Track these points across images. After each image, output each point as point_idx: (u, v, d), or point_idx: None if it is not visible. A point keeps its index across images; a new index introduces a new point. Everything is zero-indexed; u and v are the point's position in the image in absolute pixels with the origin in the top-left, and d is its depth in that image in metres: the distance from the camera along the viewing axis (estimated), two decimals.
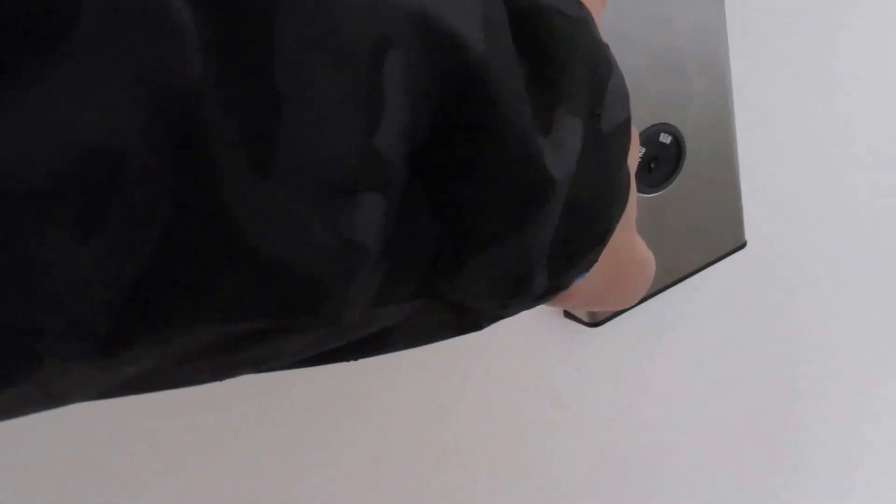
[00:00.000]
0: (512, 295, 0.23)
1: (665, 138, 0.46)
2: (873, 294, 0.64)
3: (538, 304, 0.25)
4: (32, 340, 0.14)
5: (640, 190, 0.46)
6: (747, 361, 0.58)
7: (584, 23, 0.23)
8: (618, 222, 0.25)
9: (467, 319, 0.23)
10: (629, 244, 0.31)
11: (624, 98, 0.24)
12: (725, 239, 0.51)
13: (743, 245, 0.52)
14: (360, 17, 0.17)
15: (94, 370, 0.16)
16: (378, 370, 0.44)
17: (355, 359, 0.23)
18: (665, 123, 0.45)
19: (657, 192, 0.47)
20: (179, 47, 0.14)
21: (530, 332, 0.48)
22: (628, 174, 0.25)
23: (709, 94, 0.46)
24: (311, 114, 0.16)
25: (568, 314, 0.50)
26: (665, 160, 0.46)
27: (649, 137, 0.45)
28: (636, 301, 0.34)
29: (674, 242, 0.49)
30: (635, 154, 0.32)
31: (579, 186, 0.22)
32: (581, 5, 0.24)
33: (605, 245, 0.25)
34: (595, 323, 0.48)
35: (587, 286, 0.29)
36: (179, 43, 0.14)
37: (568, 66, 0.22)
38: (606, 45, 0.24)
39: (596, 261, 0.25)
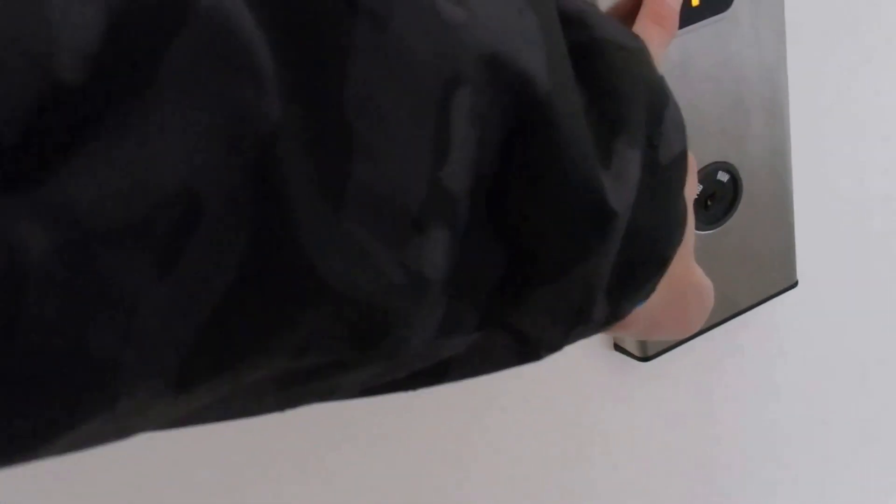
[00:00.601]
0: (574, 324, 0.23)
1: (723, 176, 0.46)
2: None
3: (598, 332, 0.25)
4: (111, 377, 0.14)
5: (696, 227, 0.46)
6: (796, 400, 0.58)
7: (641, 54, 0.24)
8: (676, 251, 0.25)
9: (528, 349, 0.24)
10: (688, 272, 0.31)
11: (680, 128, 0.24)
12: (778, 277, 0.52)
13: (795, 284, 0.53)
14: (431, 57, 0.17)
15: (166, 405, 0.16)
16: (420, 399, 0.45)
17: (415, 389, 0.23)
18: (724, 162, 0.46)
19: (713, 228, 0.47)
20: (260, 91, 0.15)
21: (580, 364, 0.49)
22: (685, 203, 0.26)
23: (768, 134, 0.47)
24: (381, 150, 0.17)
25: (618, 347, 0.50)
26: (722, 198, 0.47)
27: (707, 175, 0.45)
28: (696, 330, 0.34)
29: (727, 279, 0.49)
30: (693, 183, 0.33)
31: (638, 216, 0.22)
32: (637, 37, 0.24)
33: (663, 273, 0.25)
34: (645, 357, 0.49)
35: (646, 314, 0.29)
36: (260, 86, 0.15)
37: (625, 97, 0.22)
38: (662, 77, 0.24)
39: (654, 289, 0.25)
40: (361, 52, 0.16)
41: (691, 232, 0.30)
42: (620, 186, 0.21)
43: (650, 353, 0.49)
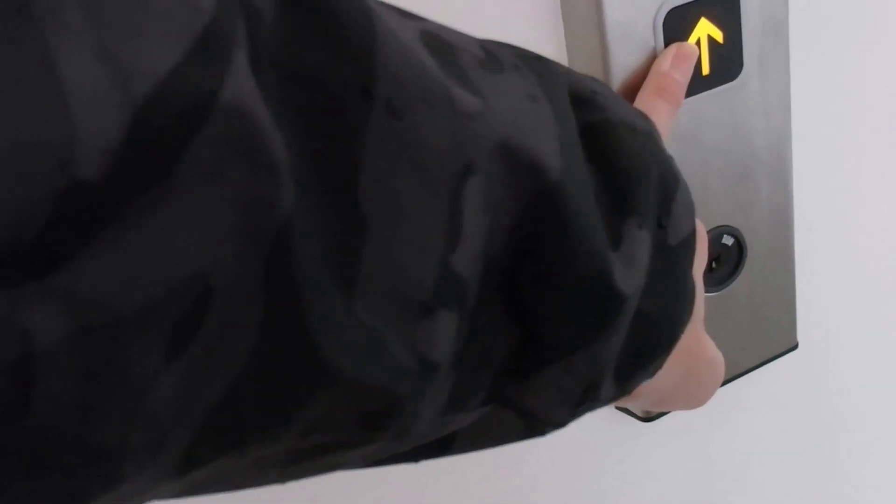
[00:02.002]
0: (580, 402, 0.23)
1: (728, 240, 0.47)
2: None
3: (602, 406, 0.25)
4: (117, 461, 0.14)
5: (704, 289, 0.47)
6: (796, 461, 0.58)
7: (651, 136, 0.24)
8: (684, 330, 0.25)
9: (534, 425, 0.24)
10: (699, 346, 0.31)
11: (690, 210, 0.25)
12: (779, 339, 0.52)
13: (795, 346, 0.53)
14: (445, 147, 0.18)
15: (170, 482, 0.16)
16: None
17: (417, 461, 0.23)
18: (729, 226, 0.46)
19: (717, 291, 0.48)
20: (277, 185, 0.15)
21: (581, 423, 0.49)
22: (694, 281, 0.26)
23: (772, 200, 0.47)
24: (392, 238, 0.17)
25: (620, 406, 0.50)
26: (727, 261, 0.47)
27: (714, 238, 0.46)
28: (705, 401, 0.34)
29: (730, 340, 0.49)
30: (704, 257, 0.33)
31: (647, 298, 0.23)
32: (647, 118, 0.25)
33: (671, 352, 0.25)
34: (648, 418, 0.49)
35: (656, 388, 0.29)
36: (277, 181, 0.15)
37: (636, 179, 0.22)
38: (671, 157, 0.25)
39: (662, 366, 0.26)
40: (377, 142, 0.17)
41: (701, 306, 0.31)
42: (630, 269, 0.22)
43: (653, 413, 0.49)
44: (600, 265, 0.20)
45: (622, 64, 0.39)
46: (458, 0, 0.37)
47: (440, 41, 0.19)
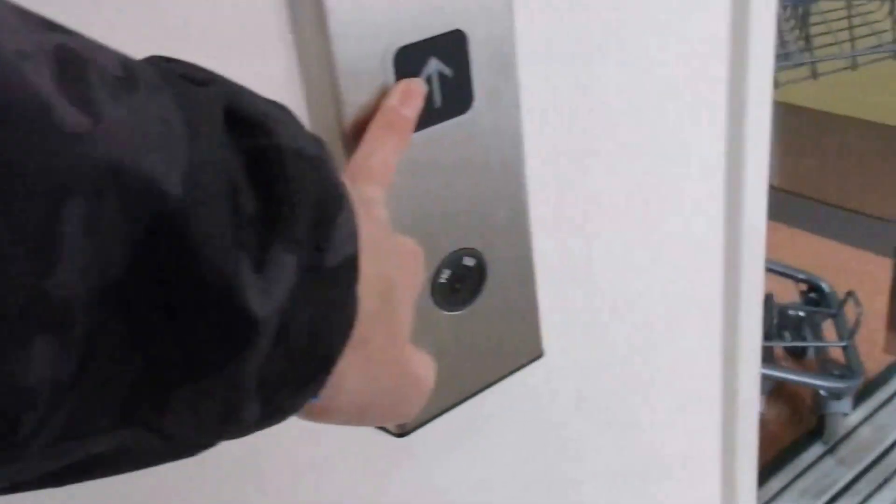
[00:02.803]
0: (222, 423, 0.23)
1: (469, 261, 0.49)
2: (658, 405, 0.70)
3: (263, 428, 0.25)
4: None
5: (445, 308, 0.49)
6: (546, 463, 0.62)
7: (319, 161, 0.25)
8: (342, 349, 0.26)
9: (178, 447, 0.24)
10: (399, 363, 0.32)
11: (352, 234, 0.25)
12: (525, 350, 0.55)
13: (541, 355, 0.57)
14: (33, 166, 0.17)
15: None
16: (172, 478, 0.45)
17: (57, 485, 0.23)
18: (469, 248, 0.49)
19: (461, 310, 0.50)
20: None
21: (335, 442, 0.50)
22: (356, 302, 0.26)
23: (510, 222, 0.50)
24: None
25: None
26: (469, 281, 0.50)
27: (454, 261, 0.48)
28: (411, 417, 0.35)
29: (477, 355, 0.52)
30: (418, 274, 0.35)
31: (293, 319, 0.23)
32: (320, 143, 0.25)
33: (330, 372, 0.25)
34: (402, 433, 0.51)
35: (350, 402, 0.30)
36: None
37: (291, 203, 0.23)
38: (342, 183, 0.25)
39: (322, 386, 0.26)
40: None
41: (405, 321, 0.32)
42: (269, 291, 0.22)
43: (407, 428, 0.51)
44: (230, 289, 0.21)
45: (354, 101, 0.40)
46: (196, 30, 0.37)
47: (76, 57, 0.19)
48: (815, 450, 2.03)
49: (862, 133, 2.68)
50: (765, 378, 1.93)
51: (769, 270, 2.28)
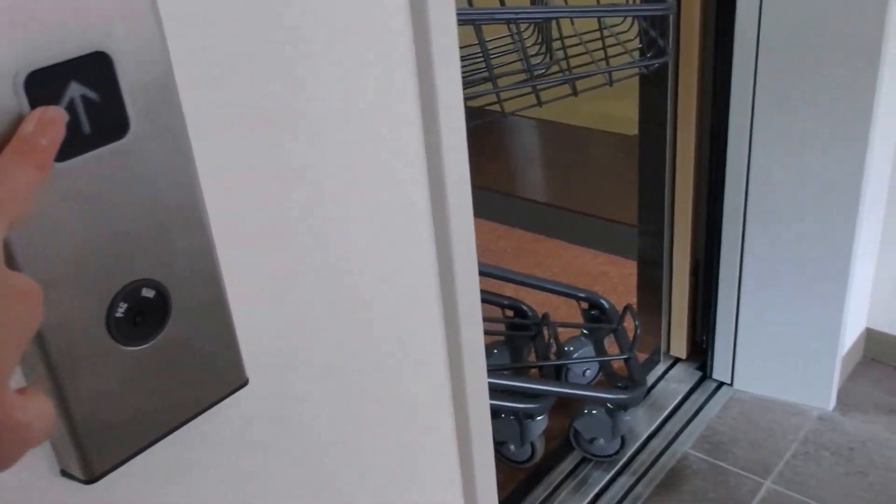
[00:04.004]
0: None
1: (148, 293, 0.47)
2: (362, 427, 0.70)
3: None
4: None
5: (127, 344, 0.47)
6: (263, 488, 0.61)
7: None
8: None
9: None
10: None
11: None
12: (227, 379, 0.54)
13: (245, 382, 0.55)
14: None
15: None
16: None
17: None
18: (148, 279, 0.47)
19: (145, 344, 0.48)
20: None
21: (17, 493, 0.47)
22: None
23: (191, 247, 0.49)
24: None
25: (65, 472, 0.49)
26: (151, 313, 0.48)
27: (131, 293, 0.46)
28: (8, 467, 0.33)
29: (173, 388, 0.50)
30: (25, 314, 0.33)
31: None
32: None
33: None
34: (91, 479, 0.48)
35: None
36: None
37: None
38: None
39: None
40: None
41: None
42: None
43: (96, 473, 0.48)
44: None
45: None
46: None
47: None
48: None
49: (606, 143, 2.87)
50: (551, 396, 2.00)
51: (551, 291, 2.39)
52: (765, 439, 2.09)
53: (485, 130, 3.13)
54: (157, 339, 0.49)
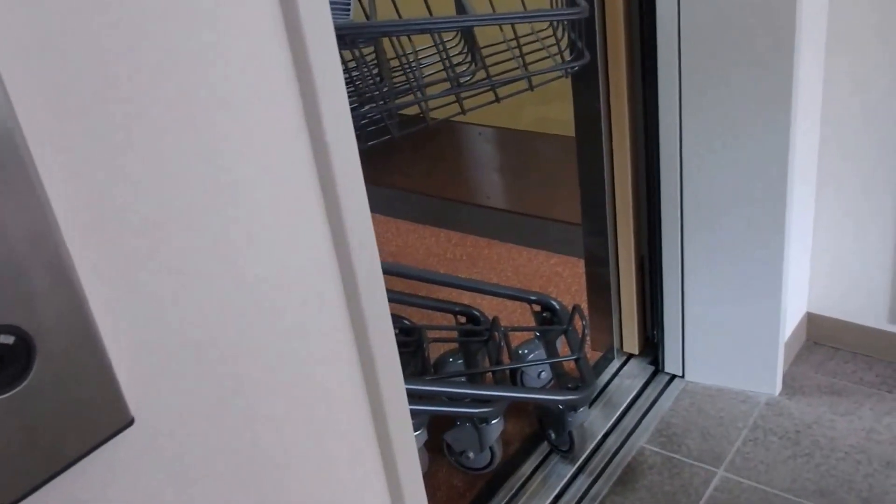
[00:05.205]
0: None
1: (8, 339, 0.46)
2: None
3: None
4: None
5: None
6: None
7: None
8: None
9: None
10: None
11: None
12: (108, 420, 0.53)
13: (130, 422, 0.54)
14: None
15: None
16: None
17: None
18: (7, 325, 0.46)
19: (9, 391, 0.47)
20: None
21: None
22: None
23: (56, 290, 0.48)
24: None
25: None
26: (12, 360, 0.47)
27: None
28: None
29: (45, 436, 0.49)
30: None
31: None
32: None
33: None
34: None
35: None
36: None
37: None
38: None
39: None
40: None
41: None
42: None
43: None
44: None
45: None
46: None
47: None
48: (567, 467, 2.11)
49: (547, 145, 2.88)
50: (503, 401, 2.00)
51: (503, 295, 2.39)
52: (716, 428, 2.11)
53: (428, 139, 3.13)
54: (22, 385, 0.48)
